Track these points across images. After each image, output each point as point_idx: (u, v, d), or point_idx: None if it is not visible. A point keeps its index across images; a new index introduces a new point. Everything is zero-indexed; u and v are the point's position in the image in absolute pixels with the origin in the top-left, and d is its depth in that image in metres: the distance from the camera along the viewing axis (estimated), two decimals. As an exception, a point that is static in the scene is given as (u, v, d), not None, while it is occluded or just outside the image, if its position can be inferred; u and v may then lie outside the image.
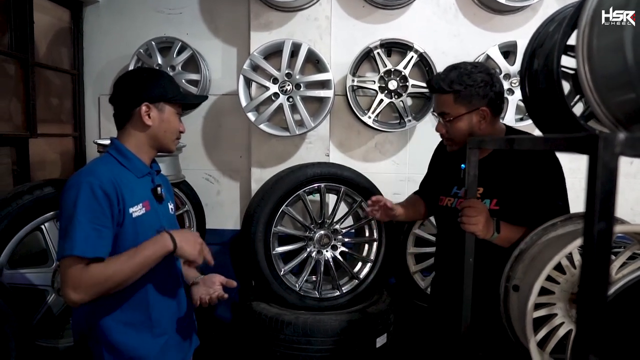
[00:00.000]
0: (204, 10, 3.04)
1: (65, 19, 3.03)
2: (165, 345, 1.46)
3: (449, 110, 1.67)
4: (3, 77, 2.46)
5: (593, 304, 0.70)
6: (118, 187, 1.33)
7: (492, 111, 1.66)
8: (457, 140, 1.71)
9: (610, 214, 0.68)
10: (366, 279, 2.45)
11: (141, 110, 1.42)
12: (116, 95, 1.48)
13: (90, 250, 1.25)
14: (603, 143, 0.67)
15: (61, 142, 3.03)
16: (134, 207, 1.38)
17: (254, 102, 2.72)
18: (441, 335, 1.87)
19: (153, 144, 1.49)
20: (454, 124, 1.68)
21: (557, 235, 1.39)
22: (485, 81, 1.63)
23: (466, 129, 1.66)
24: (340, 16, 2.94)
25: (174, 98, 1.48)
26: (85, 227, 1.25)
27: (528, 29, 2.86)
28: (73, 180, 1.33)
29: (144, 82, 1.45)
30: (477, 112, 1.64)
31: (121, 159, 1.43)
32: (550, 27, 1.31)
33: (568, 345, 1.30)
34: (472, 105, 1.63)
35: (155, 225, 1.44)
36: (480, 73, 1.64)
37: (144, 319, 1.41)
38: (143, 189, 1.46)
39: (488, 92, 1.63)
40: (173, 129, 1.50)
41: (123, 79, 1.48)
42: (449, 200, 1.81)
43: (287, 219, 2.57)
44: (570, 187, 3.07)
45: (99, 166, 1.38)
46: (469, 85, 1.61)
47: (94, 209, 1.28)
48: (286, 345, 2.22)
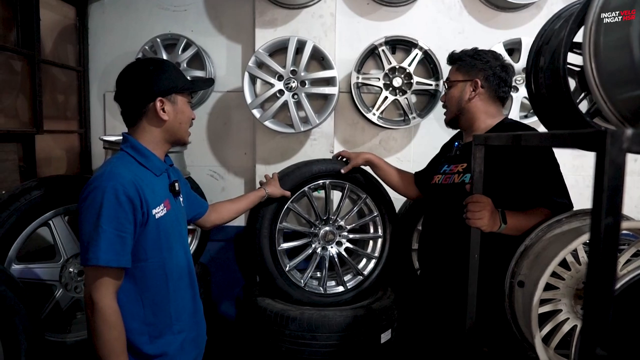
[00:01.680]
0: (208, 7, 3.05)
1: (71, 16, 3.04)
2: (183, 341, 1.47)
3: (450, 76, 1.88)
4: (10, 73, 2.47)
5: (600, 298, 0.71)
6: (140, 190, 1.32)
7: (486, 88, 1.79)
8: (449, 107, 1.88)
9: (618, 210, 0.69)
10: (371, 275, 2.46)
11: (156, 106, 1.39)
12: (124, 92, 1.43)
13: (115, 259, 1.26)
14: (610, 139, 0.68)
15: (67, 139, 3.05)
16: (157, 208, 1.38)
17: (259, 99, 2.73)
18: (431, 313, 1.93)
19: (169, 138, 1.47)
20: (450, 90, 1.87)
21: (562, 231, 1.40)
22: (488, 60, 1.80)
23: (458, 95, 1.83)
24: (345, 13, 2.94)
25: (184, 87, 1.46)
26: (110, 235, 1.25)
27: (533, 26, 2.86)
28: (96, 184, 1.29)
29: (153, 76, 1.40)
30: (471, 83, 1.80)
31: (139, 158, 1.40)
32: (557, 24, 1.31)
33: (572, 341, 1.31)
34: (468, 75, 1.81)
35: (175, 224, 1.45)
36: (488, 54, 1.83)
37: (164, 317, 1.42)
38: (162, 188, 1.45)
39: (487, 69, 1.79)
40: (187, 119, 1.50)
41: (128, 75, 1.43)
42: (438, 177, 1.90)
43: (292, 215, 2.58)
44: (575, 184, 3.09)
45: (119, 167, 1.34)
46: (471, 57, 1.82)
47: (119, 216, 1.26)
48: (291, 341, 2.23)
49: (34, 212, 1.92)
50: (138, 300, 1.37)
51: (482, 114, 1.80)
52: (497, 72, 1.78)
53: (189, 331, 1.50)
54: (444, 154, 2.02)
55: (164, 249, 1.41)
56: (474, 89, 1.78)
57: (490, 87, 1.79)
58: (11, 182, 2.46)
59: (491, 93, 1.80)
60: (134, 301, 1.36)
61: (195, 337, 1.55)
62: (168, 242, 1.42)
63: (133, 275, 1.36)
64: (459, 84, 1.82)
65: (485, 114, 1.80)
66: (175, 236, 1.47)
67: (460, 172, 1.78)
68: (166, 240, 1.41)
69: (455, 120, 1.88)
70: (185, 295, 1.50)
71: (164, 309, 1.42)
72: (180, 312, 1.47)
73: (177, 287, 1.45)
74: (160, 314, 1.41)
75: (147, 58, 1.50)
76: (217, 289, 3.12)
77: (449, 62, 1.90)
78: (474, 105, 1.80)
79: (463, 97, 1.80)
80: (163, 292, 1.41)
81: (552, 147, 1.66)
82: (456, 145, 1.91)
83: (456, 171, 1.80)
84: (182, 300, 1.48)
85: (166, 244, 1.42)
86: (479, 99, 1.79)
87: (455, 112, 1.84)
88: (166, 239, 1.41)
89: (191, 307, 1.53)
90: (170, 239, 1.43)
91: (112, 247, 1.25)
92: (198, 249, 2.76)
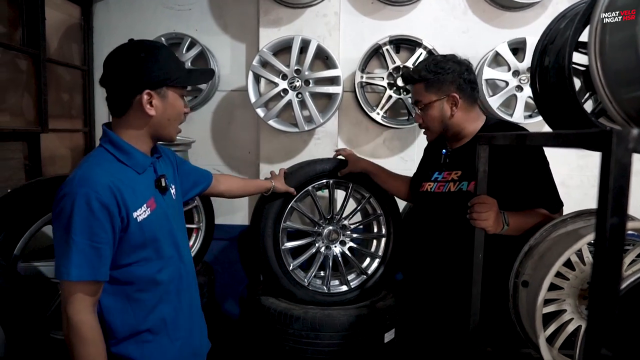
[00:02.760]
0: (213, 6, 3.05)
1: (76, 15, 3.05)
2: (181, 348, 1.39)
3: (421, 98, 1.75)
4: (15, 72, 2.48)
5: (605, 298, 0.71)
6: (118, 192, 1.20)
7: (463, 98, 1.71)
8: (432, 128, 1.78)
9: (623, 209, 0.68)
10: (374, 274, 2.46)
11: (142, 99, 1.24)
12: (109, 78, 1.27)
13: (89, 273, 1.16)
14: (616, 139, 0.68)
15: (72, 137, 3.06)
16: (138, 210, 1.25)
17: (263, 98, 2.73)
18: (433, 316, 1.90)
19: (154, 133, 1.32)
20: (427, 112, 1.75)
21: (566, 231, 1.39)
22: (454, 69, 1.70)
23: (438, 115, 1.73)
24: (349, 12, 2.94)
25: (178, 80, 1.30)
26: (83, 247, 1.15)
27: (537, 25, 2.85)
28: (66, 190, 1.18)
29: (143, 64, 1.24)
30: (447, 99, 1.71)
31: (119, 155, 1.27)
32: (562, 24, 1.31)
33: (577, 341, 1.30)
34: (441, 92, 1.71)
35: (162, 222, 1.34)
36: (449, 61, 1.72)
37: (160, 324, 1.34)
38: (146, 186, 1.32)
39: (456, 78, 1.70)
40: (177, 115, 1.34)
41: (117, 59, 1.26)
42: (429, 185, 1.86)
43: (295, 214, 2.58)
44: (580, 184, 3.08)
45: (94, 169, 1.21)
46: (437, 73, 1.69)
47: (92, 226, 1.15)
48: (295, 340, 2.23)
49: (39, 211, 1.93)
50: (127, 306, 1.29)
51: (466, 122, 1.74)
52: (465, 77, 1.71)
53: (187, 339, 1.42)
54: (431, 161, 1.95)
55: (150, 251, 1.30)
56: (453, 104, 1.71)
57: (465, 95, 1.72)
58: (16, 180, 2.47)
59: (467, 100, 1.73)
60: (122, 307, 1.28)
61: (195, 345, 1.46)
62: (155, 244, 1.31)
63: (119, 281, 1.27)
64: (435, 103, 1.72)
65: (468, 121, 1.74)
66: (164, 235, 1.34)
67: (455, 180, 1.75)
68: (152, 241, 1.30)
69: (440, 137, 1.82)
70: (181, 299, 1.40)
71: (156, 314, 1.33)
72: (175, 317, 1.37)
73: (167, 291, 1.35)
74: (152, 319, 1.32)
75: (140, 41, 1.30)
76: (220, 287, 3.12)
77: (409, 81, 1.78)
78: (456, 119, 1.72)
79: (445, 115, 1.72)
80: (153, 296, 1.32)
81: (542, 148, 1.65)
82: (444, 153, 1.84)
83: (450, 179, 1.76)
84: (177, 303, 1.38)
85: (152, 245, 1.31)
86: (458, 108, 1.72)
87: (439, 131, 1.77)
88: (152, 240, 1.30)
89: (188, 314, 1.43)
90: (159, 239, 1.32)
91: (85, 260, 1.15)
92: (202, 248, 2.76)
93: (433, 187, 1.82)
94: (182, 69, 1.32)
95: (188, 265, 1.46)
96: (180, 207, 1.51)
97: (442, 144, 1.88)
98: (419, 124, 1.83)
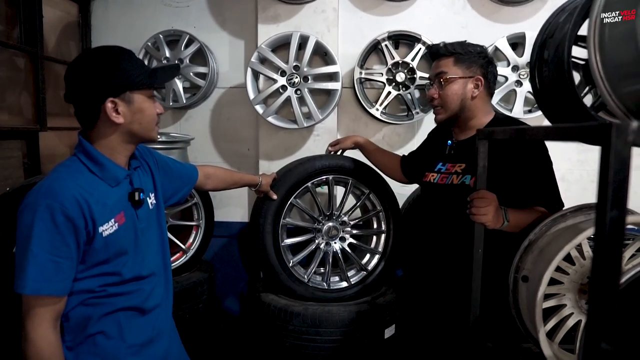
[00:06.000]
0: (211, 3, 3.04)
1: (74, 13, 3.04)
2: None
3: (447, 70, 1.73)
4: (13, 70, 2.48)
5: (605, 292, 0.71)
6: (85, 205, 1.15)
7: (485, 86, 1.72)
8: (448, 105, 1.74)
9: (623, 203, 0.68)
10: (374, 270, 2.46)
11: (107, 108, 1.20)
12: (71, 92, 1.23)
13: (46, 287, 1.11)
14: (616, 132, 0.67)
15: (70, 136, 3.05)
16: (105, 224, 1.20)
17: (262, 95, 2.72)
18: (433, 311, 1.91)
19: (130, 139, 1.28)
20: (448, 85, 1.72)
21: (566, 226, 1.39)
22: (485, 56, 1.73)
23: (459, 93, 1.72)
24: (348, 8, 2.93)
25: (140, 84, 1.24)
26: (41, 260, 1.10)
27: (537, 20, 2.84)
28: (30, 200, 1.13)
29: (102, 72, 1.20)
30: (472, 80, 1.71)
31: (92, 166, 1.22)
32: (561, 18, 1.30)
33: (577, 336, 1.30)
34: (469, 71, 1.71)
35: (129, 237, 1.28)
36: (478, 48, 1.75)
37: (118, 343, 1.28)
38: (118, 199, 1.26)
39: (486, 65, 1.72)
40: (149, 118, 1.29)
41: (75, 72, 1.22)
42: (433, 175, 1.85)
43: (295, 211, 2.58)
44: (579, 178, 3.08)
45: (63, 179, 1.17)
46: (469, 52, 1.72)
47: (53, 239, 1.11)
48: (295, 336, 2.23)
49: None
50: (104, 317, 1.25)
51: (480, 112, 1.74)
52: (491, 70, 1.73)
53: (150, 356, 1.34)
54: (435, 150, 1.94)
55: (115, 266, 1.25)
56: (476, 87, 1.70)
57: (488, 85, 1.73)
58: (15, 179, 2.47)
59: (487, 90, 1.74)
60: (99, 318, 1.25)
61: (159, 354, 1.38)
62: (120, 260, 1.26)
63: (93, 291, 1.23)
64: (459, 80, 1.70)
65: (482, 111, 1.74)
66: (129, 251, 1.29)
67: (458, 172, 1.74)
68: (116, 257, 1.25)
69: (451, 119, 1.77)
70: (143, 320, 1.33)
71: (116, 337, 1.28)
72: (137, 338, 1.31)
73: (130, 314, 1.30)
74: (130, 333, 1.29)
75: (96, 48, 1.27)
76: (220, 284, 3.12)
77: (441, 53, 1.76)
78: (475, 104, 1.72)
79: (466, 94, 1.70)
80: (113, 321, 1.27)
81: (546, 145, 1.65)
82: (449, 144, 1.84)
83: (453, 171, 1.76)
84: (138, 325, 1.32)
85: (117, 260, 1.25)
86: (479, 97, 1.72)
87: (456, 110, 1.73)
88: (117, 256, 1.24)
89: (150, 330, 1.35)
90: (124, 254, 1.27)
91: (42, 274, 1.10)
92: (201, 245, 2.76)
93: (436, 179, 1.82)
94: (144, 70, 1.27)
95: (159, 277, 1.41)
96: (161, 215, 1.46)
97: (448, 133, 1.87)
98: (431, 100, 1.79)
